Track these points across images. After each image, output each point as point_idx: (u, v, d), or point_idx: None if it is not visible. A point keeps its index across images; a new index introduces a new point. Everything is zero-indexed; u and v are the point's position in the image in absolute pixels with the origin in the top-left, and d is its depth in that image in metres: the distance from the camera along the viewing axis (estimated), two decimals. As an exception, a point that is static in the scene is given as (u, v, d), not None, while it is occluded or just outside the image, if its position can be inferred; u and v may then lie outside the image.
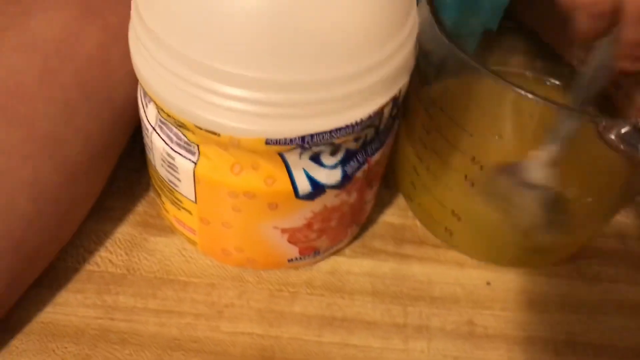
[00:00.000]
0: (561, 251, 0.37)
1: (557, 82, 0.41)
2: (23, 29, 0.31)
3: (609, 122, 0.27)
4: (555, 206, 0.33)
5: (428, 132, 0.33)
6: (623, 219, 0.40)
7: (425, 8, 0.30)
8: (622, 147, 0.27)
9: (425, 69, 0.31)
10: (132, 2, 0.29)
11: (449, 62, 0.30)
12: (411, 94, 0.34)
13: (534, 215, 0.34)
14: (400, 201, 0.40)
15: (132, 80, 0.31)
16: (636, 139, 0.26)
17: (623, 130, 0.27)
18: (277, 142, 0.27)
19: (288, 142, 0.27)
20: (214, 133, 0.27)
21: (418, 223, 0.38)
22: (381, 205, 0.39)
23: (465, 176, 0.32)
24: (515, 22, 0.39)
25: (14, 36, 0.30)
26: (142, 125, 0.32)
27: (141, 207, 0.37)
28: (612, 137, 0.27)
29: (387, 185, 0.40)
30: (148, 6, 0.27)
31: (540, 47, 0.39)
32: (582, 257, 0.38)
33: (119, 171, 0.37)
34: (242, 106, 0.26)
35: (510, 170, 0.32)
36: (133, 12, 0.29)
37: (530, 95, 0.27)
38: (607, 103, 0.39)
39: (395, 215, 0.39)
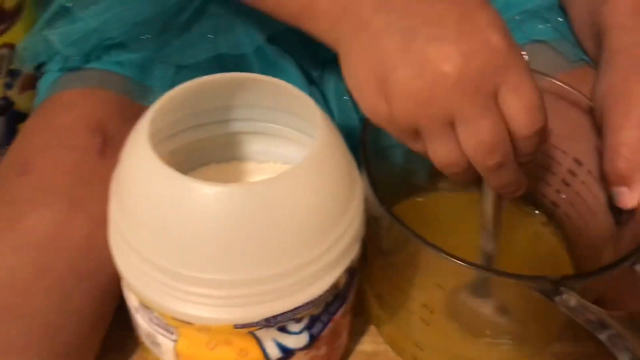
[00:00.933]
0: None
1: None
2: (17, 229, 0.34)
3: (530, 280, 0.30)
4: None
5: (383, 278, 0.37)
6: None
7: (367, 182, 0.33)
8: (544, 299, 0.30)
9: (376, 229, 0.35)
10: (109, 205, 0.32)
11: (394, 227, 0.33)
12: (367, 244, 0.37)
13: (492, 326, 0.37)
14: (372, 327, 0.43)
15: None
16: (552, 293, 0.30)
17: (541, 287, 0.30)
18: (244, 325, 0.31)
19: (254, 324, 0.31)
20: (188, 322, 0.31)
21: (389, 347, 0.42)
22: (354, 333, 0.42)
23: (420, 317, 0.36)
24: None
25: (9, 237, 0.34)
26: (127, 303, 0.35)
27: (133, 361, 0.40)
28: (534, 292, 0.30)
29: (358, 312, 0.43)
30: (121, 215, 0.31)
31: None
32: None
33: (110, 327, 0.40)
34: (210, 300, 0.30)
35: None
36: (110, 213, 0.32)
37: (461, 263, 0.30)
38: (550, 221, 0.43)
39: (368, 342, 0.42)
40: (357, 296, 0.40)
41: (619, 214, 0.36)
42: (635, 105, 0.34)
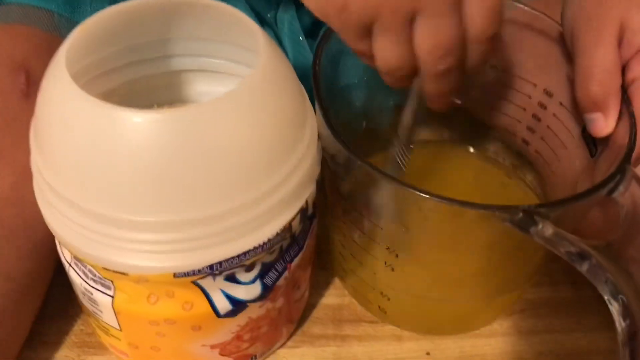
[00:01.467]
0: (494, 312, 0.38)
1: (473, 150, 0.42)
2: None
3: (502, 210, 0.28)
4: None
5: (344, 222, 0.34)
6: (555, 264, 0.41)
7: (320, 113, 0.30)
8: (518, 231, 0.28)
9: (334, 168, 0.32)
10: (31, 155, 0.29)
11: (353, 162, 0.30)
12: (327, 186, 0.34)
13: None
14: (336, 280, 0.40)
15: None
16: (528, 224, 0.27)
17: (516, 217, 0.28)
18: (185, 274, 0.27)
19: (197, 272, 0.28)
20: (123, 273, 0.28)
21: (354, 300, 0.39)
22: (318, 287, 0.40)
23: (385, 262, 0.33)
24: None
25: None
26: (61, 259, 0.32)
27: (77, 327, 0.37)
28: (507, 223, 0.28)
29: (323, 266, 0.40)
30: (42, 158, 0.28)
31: (450, 116, 0.40)
32: (517, 311, 0.39)
33: (52, 289, 0.37)
34: (145, 246, 0.27)
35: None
36: (32, 165, 0.29)
37: (424, 195, 0.27)
38: (522, 160, 0.41)
39: (333, 295, 0.39)
40: (320, 248, 0.37)
41: (594, 145, 0.34)
42: (610, 24, 0.31)
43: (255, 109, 0.26)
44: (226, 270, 0.28)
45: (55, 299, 0.38)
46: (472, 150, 0.42)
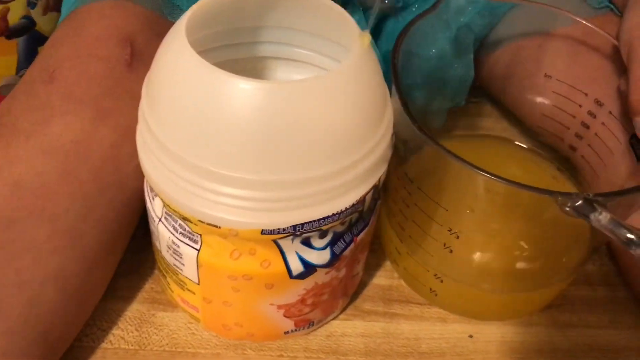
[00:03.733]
0: (535, 303, 0.40)
1: (522, 145, 0.45)
2: (45, 134, 0.34)
3: (564, 196, 0.30)
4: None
5: (408, 205, 0.37)
6: (591, 266, 0.44)
7: (397, 101, 0.34)
8: (577, 217, 0.30)
9: (404, 153, 0.35)
10: (139, 107, 0.32)
11: (424, 147, 0.33)
12: (391, 172, 0.37)
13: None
14: (386, 263, 0.43)
15: (140, 174, 0.34)
16: (587, 210, 0.30)
17: (577, 203, 0.30)
18: (271, 231, 0.31)
19: (281, 231, 0.31)
20: (215, 226, 0.31)
21: (404, 283, 0.42)
22: (369, 268, 0.42)
23: (444, 244, 0.36)
24: (478, 98, 0.43)
25: (37, 141, 0.34)
26: (149, 214, 0.35)
27: (147, 285, 0.40)
28: (568, 209, 0.30)
29: (374, 249, 0.43)
30: (153, 114, 0.31)
31: (502, 113, 0.43)
32: (555, 305, 0.41)
33: (125, 252, 0.40)
34: (239, 202, 0.30)
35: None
36: (140, 118, 0.32)
37: (494, 178, 0.30)
38: (567, 163, 0.44)
39: (383, 277, 0.42)
40: (374, 231, 0.40)
41: (640, 150, 0.37)
42: None
43: (347, 93, 0.30)
44: (305, 232, 0.31)
45: (128, 260, 0.41)
46: (521, 145, 0.45)
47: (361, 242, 0.35)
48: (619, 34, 0.37)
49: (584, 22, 0.39)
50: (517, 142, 0.45)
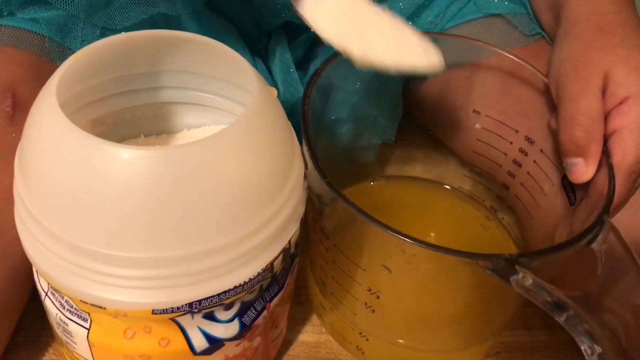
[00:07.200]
0: (470, 356, 0.38)
1: (454, 186, 0.42)
2: None
3: (485, 259, 0.28)
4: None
5: (327, 262, 0.34)
6: (528, 308, 0.41)
7: (308, 154, 0.31)
8: (499, 279, 0.28)
9: (319, 206, 0.32)
10: (14, 180, 0.28)
11: (338, 201, 0.30)
12: (309, 226, 0.34)
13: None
14: (314, 317, 0.40)
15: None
16: (508, 273, 0.27)
17: (498, 266, 0.28)
18: (164, 311, 0.27)
19: (175, 310, 0.27)
20: (101, 307, 0.27)
21: (332, 338, 0.39)
22: (295, 322, 0.39)
23: (365, 303, 0.33)
24: (411, 134, 0.41)
25: None
26: (37, 287, 0.32)
27: (47, 356, 0.36)
28: (488, 272, 0.28)
29: (301, 301, 0.40)
30: (26, 188, 0.27)
31: (433, 155, 0.41)
32: (492, 354, 0.39)
33: (24, 318, 0.36)
34: (125, 282, 0.26)
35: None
36: (15, 191, 0.28)
37: (407, 240, 0.28)
38: (502, 203, 0.41)
39: (310, 332, 0.39)
40: (298, 283, 0.37)
41: (573, 193, 0.34)
42: (596, 74, 0.32)
43: (247, 147, 0.27)
44: (205, 308, 0.28)
45: (26, 327, 0.37)
46: (449, 188, 0.43)
47: (277, 307, 0.32)
48: (548, 68, 0.35)
49: (511, 56, 0.37)
50: (447, 186, 0.43)
